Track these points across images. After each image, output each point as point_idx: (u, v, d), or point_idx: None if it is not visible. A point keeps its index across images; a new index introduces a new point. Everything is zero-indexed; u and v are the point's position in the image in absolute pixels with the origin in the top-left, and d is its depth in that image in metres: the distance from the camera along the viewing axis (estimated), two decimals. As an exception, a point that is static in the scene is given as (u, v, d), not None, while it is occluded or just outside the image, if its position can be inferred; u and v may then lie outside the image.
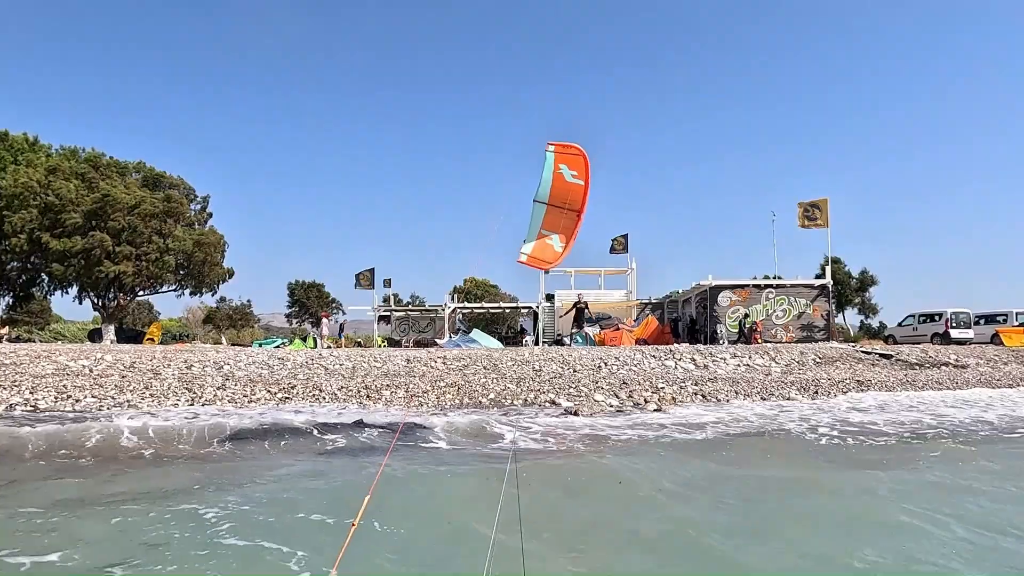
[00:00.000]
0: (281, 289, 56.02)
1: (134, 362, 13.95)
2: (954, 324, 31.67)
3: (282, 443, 8.37)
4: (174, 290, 31.89)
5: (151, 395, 11.38)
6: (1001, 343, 26.55)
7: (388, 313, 42.16)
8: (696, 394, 12.41)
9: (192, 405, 10.91)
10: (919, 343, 33.10)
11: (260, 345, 40.11)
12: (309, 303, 48.30)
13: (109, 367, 13.54)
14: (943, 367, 16.77)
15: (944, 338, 31.55)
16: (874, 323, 51.93)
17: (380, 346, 39.45)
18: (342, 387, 11.89)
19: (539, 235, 19.55)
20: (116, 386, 11.82)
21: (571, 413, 10.47)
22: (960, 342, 30.75)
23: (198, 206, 31.35)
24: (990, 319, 32.89)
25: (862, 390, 13.38)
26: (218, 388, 11.85)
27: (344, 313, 56.55)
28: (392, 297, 44.61)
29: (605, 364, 14.79)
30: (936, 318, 32.96)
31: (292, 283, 49.24)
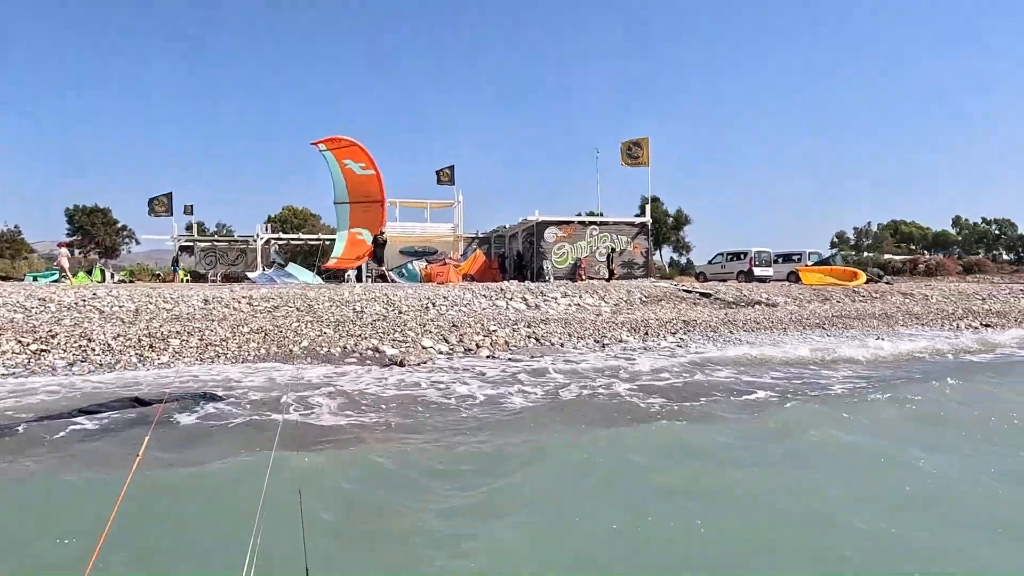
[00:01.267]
0: (58, 214, 48.95)
1: None
2: (757, 263, 33.86)
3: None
4: None
5: None
6: (799, 280, 28.71)
7: (191, 244, 38.30)
8: (529, 337, 11.77)
9: (-95, 362, 8.53)
10: (726, 280, 35.32)
11: (35, 279, 35.03)
12: (94, 230, 42.66)
13: None
14: (756, 306, 17.56)
15: (748, 275, 33.70)
16: (682, 260, 55.46)
17: (183, 281, 35.83)
18: (119, 335, 9.92)
19: (349, 234, 19.15)
20: None
21: (395, 363, 9.38)
22: (761, 279, 32.99)
23: None
24: (787, 258, 35.49)
25: (688, 331, 13.50)
26: (-54, 339, 9.43)
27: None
28: (196, 226, 40.53)
29: (433, 305, 13.78)
30: (741, 256, 35.08)
31: (71, 208, 43.07)
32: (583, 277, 29.75)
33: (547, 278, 28.98)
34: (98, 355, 9.10)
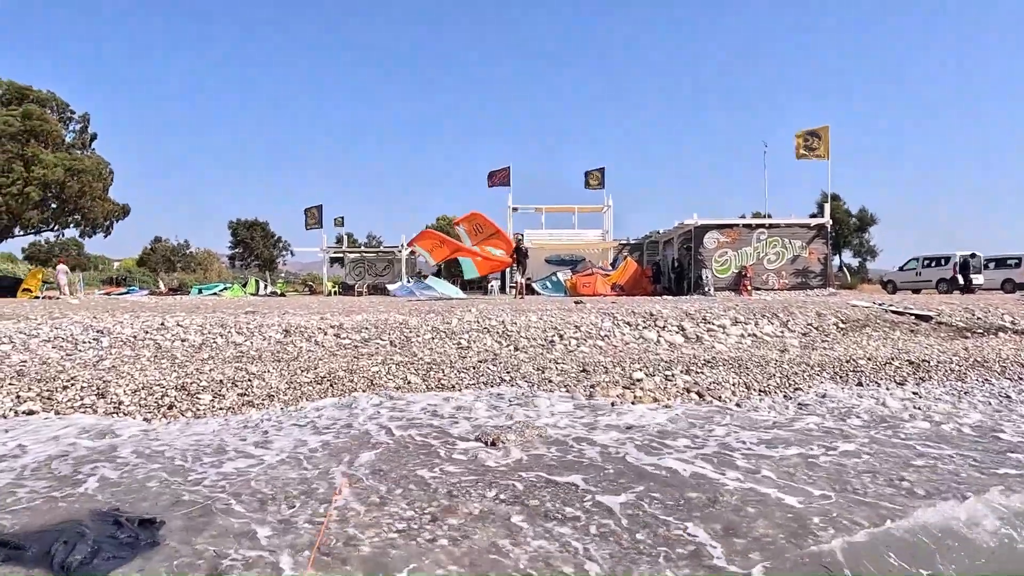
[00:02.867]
0: (222, 228, 50.58)
1: None
2: (963, 269, 28.04)
3: None
4: (53, 229, 26.65)
5: None
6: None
7: (341, 255, 37.56)
8: (688, 390, 8.16)
9: None
10: (920, 290, 29.43)
11: (200, 291, 35.62)
12: (253, 244, 43.22)
13: None
14: (1000, 333, 12.68)
15: (951, 284, 27.98)
16: (853, 262, 48.11)
17: (331, 292, 35.07)
18: (144, 387, 7.46)
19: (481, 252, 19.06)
20: None
21: (486, 443, 6.19)
22: (969, 289, 27.22)
23: (77, 126, 25.81)
24: (1001, 263, 29.21)
25: (920, 377, 9.22)
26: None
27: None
28: (346, 237, 39.84)
29: (560, 337, 10.43)
30: (943, 262, 29.25)
31: (233, 222, 43.94)
32: (748, 289, 25.42)
33: (707, 289, 24.95)
34: (101, 415, 6.61)
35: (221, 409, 6.88)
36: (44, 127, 22.74)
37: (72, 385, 7.41)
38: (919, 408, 7.55)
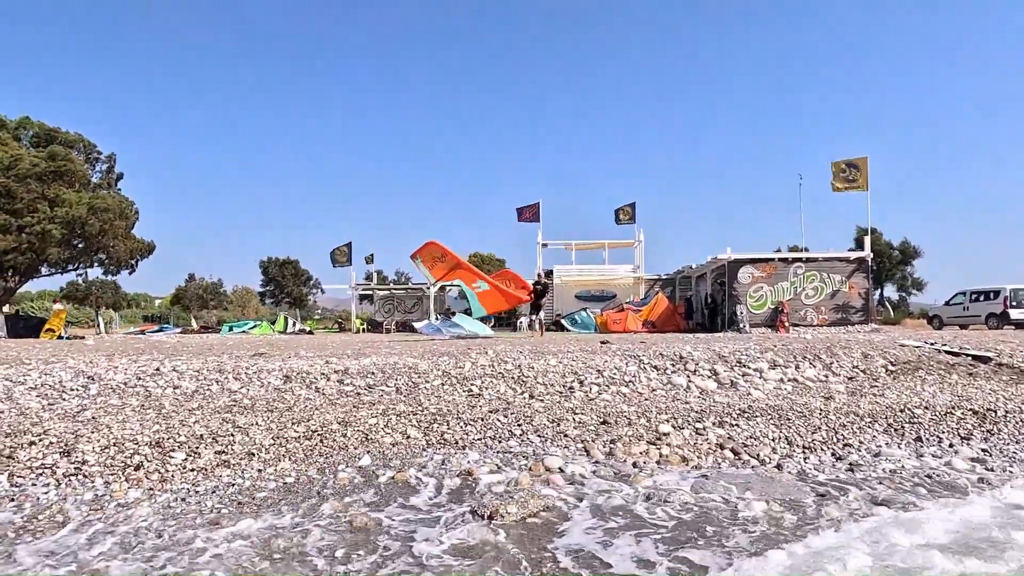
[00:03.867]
0: (253, 266, 49.92)
1: None
2: (1014, 303, 26.41)
3: None
4: (76, 269, 26.56)
5: None
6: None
7: (370, 292, 37.09)
8: (722, 446, 7.14)
9: None
10: (968, 325, 27.76)
11: (231, 329, 35.32)
12: (284, 281, 43.05)
13: None
14: (1071, 376, 11.36)
15: (1002, 319, 26.32)
16: (893, 295, 46.10)
17: (359, 330, 34.55)
18: (116, 442, 6.71)
19: (473, 291, 19.78)
20: None
21: (481, 516, 5.27)
22: (1022, 324, 25.59)
23: (104, 166, 25.83)
24: (1049, 297, 27.43)
25: (988, 432, 8.05)
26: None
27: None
28: (376, 274, 39.44)
29: (581, 383, 9.48)
30: (992, 296, 27.60)
31: (264, 260, 43.92)
32: (785, 325, 24.14)
33: (741, 326, 23.75)
34: (45, 489, 5.83)
35: (192, 471, 6.08)
36: (69, 167, 22.86)
37: (40, 441, 6.69)
38: (990, 469, 6.44)
